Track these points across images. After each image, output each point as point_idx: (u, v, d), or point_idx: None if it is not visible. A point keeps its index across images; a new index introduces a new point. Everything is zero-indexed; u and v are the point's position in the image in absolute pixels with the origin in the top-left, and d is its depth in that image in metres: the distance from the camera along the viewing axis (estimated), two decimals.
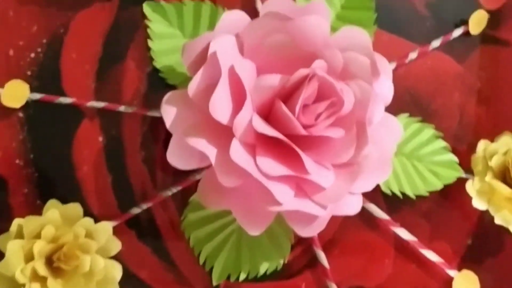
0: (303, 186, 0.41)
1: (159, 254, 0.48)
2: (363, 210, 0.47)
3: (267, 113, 0.41)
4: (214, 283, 0.48)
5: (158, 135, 0.46)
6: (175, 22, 0.46)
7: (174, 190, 0.46)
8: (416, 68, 0.50)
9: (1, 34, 0.46)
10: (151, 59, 0.46)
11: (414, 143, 0.49)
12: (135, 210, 0.46)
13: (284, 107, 0.40)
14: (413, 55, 0.49)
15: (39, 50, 0.46)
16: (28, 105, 0.45)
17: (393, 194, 0.49)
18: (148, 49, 0.46)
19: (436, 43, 0.50)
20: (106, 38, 0.46)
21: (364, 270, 0.50)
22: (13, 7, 0.46)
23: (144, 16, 0.46)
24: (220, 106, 0.39)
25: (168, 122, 0.40)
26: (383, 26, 0.49)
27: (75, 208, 0.42)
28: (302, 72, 0.40)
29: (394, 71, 0.49)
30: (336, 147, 0.42)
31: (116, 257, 0.44)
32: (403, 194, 0.49)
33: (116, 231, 0.44)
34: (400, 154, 0.49)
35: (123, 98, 0.46)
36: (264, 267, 0.48)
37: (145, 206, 0.46)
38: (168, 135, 0.40)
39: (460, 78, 0.51)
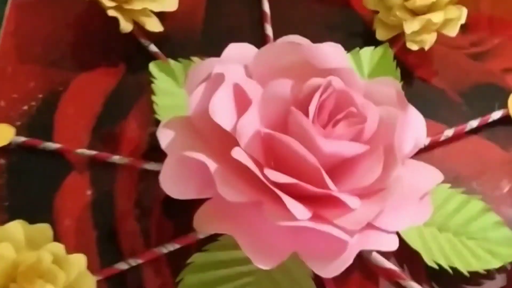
0: (321, 211, 0.33)
1: None
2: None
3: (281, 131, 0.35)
4: None
5: (157, 192, 0.40)
6: (182, 81, 0.43)
7: (171, 248, 0.38)
8: (457, 152, 0.44)
9: None
10: (154, 113, 0.42)
11: (460, 218, 0.41)
12: (122, 266, 0.38)
13: (297, 111, 0.34)
14: (448, 133, 0.44)
15: (33, 103, 0.43)
16: (12, 151, 0.41)
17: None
18: (152, 105, 0.42)
19: (474, 123, 0.45)
20: (108, 98, 0.43)
21: None
22: (12, 64, 0.44)
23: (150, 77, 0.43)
24: (221, 109, 0.34)
25: (163, 143, 0.35)
26: None
27: (44, 229, 0.34)
28: (316, 81, 0.35)
29: (431, 150, 0.44)
30: (361, 169, 0.35)
31: None
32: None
33: None
34: (444, 230, 0.40)
35: (120, 152, 0.41)
36: None
37: (133, 262, 0.38)
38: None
39: (509, 165, 0.44)
